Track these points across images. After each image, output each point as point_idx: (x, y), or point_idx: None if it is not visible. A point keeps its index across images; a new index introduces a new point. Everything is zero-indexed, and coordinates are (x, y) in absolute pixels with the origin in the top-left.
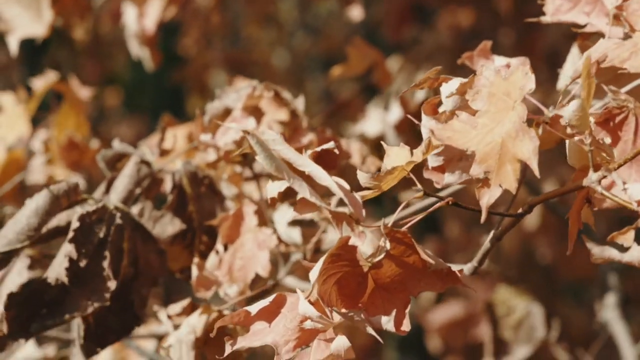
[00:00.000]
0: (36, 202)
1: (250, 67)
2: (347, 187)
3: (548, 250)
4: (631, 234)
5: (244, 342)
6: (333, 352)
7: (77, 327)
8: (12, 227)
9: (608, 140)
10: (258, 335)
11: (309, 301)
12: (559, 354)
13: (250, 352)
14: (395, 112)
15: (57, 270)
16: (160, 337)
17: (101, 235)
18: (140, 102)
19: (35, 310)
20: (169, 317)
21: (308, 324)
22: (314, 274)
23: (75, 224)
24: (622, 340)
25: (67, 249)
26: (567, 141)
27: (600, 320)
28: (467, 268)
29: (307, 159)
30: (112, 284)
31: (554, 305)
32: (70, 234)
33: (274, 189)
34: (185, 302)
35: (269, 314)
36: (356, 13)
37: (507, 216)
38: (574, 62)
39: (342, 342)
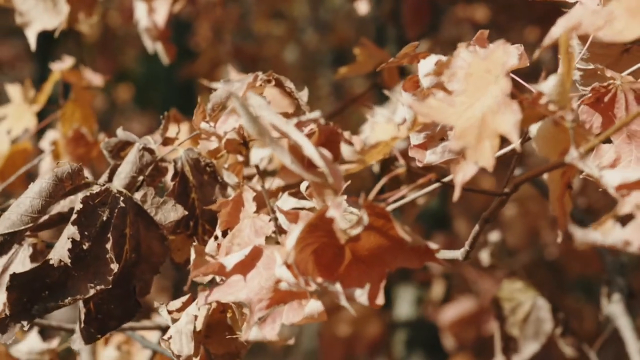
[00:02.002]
0: (39, 185)
1: (261, 62)
2: (330, 157)
3: (557, 246)
4: (610, 223)
5: (217, 295)
6: (306, 315)
7: (77, 313)
8: (15, 209)
9: (600, 120)
10: (233, 289)
11: (285, 264)
12: (565, 348)
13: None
14: (401, 111)
15: (59, 252)
16: (164, 329)
17: (104, 218)
18: (152, 98)
19: (37, 292)
20: (170, 312)
21: (283, 286)
22: (290, 241)
23: (78, 206)
24: (627, 335)
25: (70, 231)
26: (533, 128)
27: (605, 314)
28: (460, 253)
29: (292, 127)
30: (114, 267)
31: (563, 300)
32: (74, 216)
33: (257, 154)
34: (185, 298)
35: (244, 267)
36: (362, 8)
37: (487, 194)
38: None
39: (315, 306)
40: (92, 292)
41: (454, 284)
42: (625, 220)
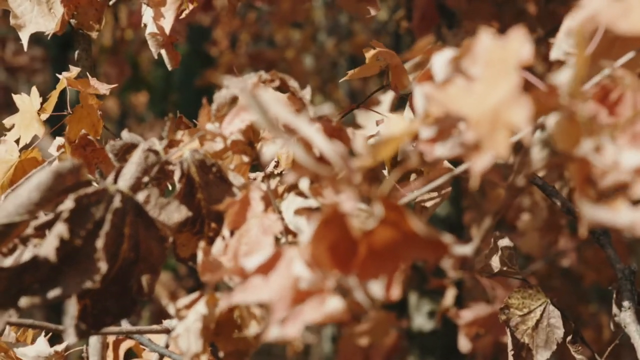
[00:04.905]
0: (38, 178)
1: (279, 68)
2: (344, 151)
3: (573, 254)
4: (622, 203)
5: (239, 296)
6: (327, 313)
7: (70, 307)
8: (12, 200)
9: (606, 117)
10: (254, 290)
11: (303, 261)
12: (576, 355)
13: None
14: (409, 112)
15: (46, 250)
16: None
17: (98, 216)
18: (170, 105)
19: (27, 285)
20: (178, 310)
21: (303, 285)
22: (305, 237)
23: (70, 204)
24: (637, 342)
25: (59, 229)
26: (550, 121)
27: (617, 322)
28: (471, 248)
29: (303, 121)
30: (103, 266)
31: (580, 309)
32: (65, 214)
33: (270, 151)
34: (193, 295)
35: (264, 269)
36: (372, 10)
37: (504, 188)
38: (567, 32)
39: (336, 303)
40: (80, 289)
41: (468, 294)
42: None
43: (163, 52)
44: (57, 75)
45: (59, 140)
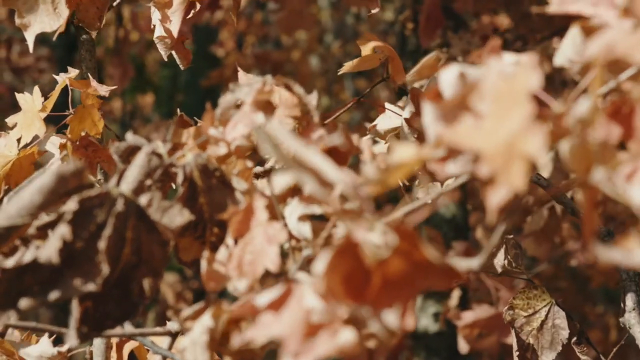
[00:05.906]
0: (41, 181)
1: (286, 69)
2: (355, 180)
3: (580, 256)
4: (634, 242)
5: (251, 334)
6: (339, 346)
7: (72, 311)
8: (14, 203)
9: (618, 132)
10: (265, 327)
11: (315, 293)
12: (581, 356)
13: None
14: (410, 107)
15: (48, 251)
16: (175, 335)
17: (100, 220)
18: (176, 105)
19: (27, 286)
20: (182, 321)
21: (315, 317)
22: (319, 269)
23: (73, 206)
24: None
25: (61, 231)
26: (564, 145)
27: (621, 323)
28: (477, 263)
29: (313, 151)
30: (105, 269)
31: (587, 310)
32: (68, 216)
33: (280, 181)
34: (197, 306)
35: (277, 305)
36: (373, 9)
37: (514, 213)
38: (573, 42)
39: (348, 336)
40: (81, 292)
41: (474, 295)
42: None
43: (174, 53)
44: (55, 76)
45: (57, 139)
